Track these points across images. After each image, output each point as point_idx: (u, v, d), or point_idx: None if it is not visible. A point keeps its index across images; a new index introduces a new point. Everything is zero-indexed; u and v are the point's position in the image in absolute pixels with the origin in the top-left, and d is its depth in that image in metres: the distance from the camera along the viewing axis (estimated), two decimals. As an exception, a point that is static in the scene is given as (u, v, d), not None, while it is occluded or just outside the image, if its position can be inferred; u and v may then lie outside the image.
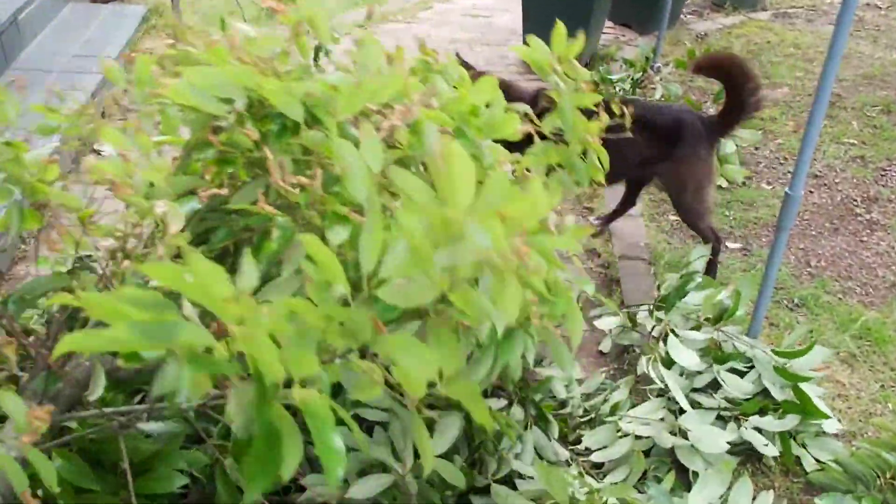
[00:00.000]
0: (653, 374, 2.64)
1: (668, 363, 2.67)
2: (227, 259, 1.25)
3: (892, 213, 4.06)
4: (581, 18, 5.40)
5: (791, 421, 2.50)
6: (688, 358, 2.63)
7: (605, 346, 3.08)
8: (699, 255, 3.09)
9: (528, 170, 1.61)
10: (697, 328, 2.81)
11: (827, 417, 2.56)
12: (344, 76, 1.25)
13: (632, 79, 4.63)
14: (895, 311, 3.34)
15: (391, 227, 0.97)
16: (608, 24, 6.47)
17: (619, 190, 3.68)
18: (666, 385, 2.57)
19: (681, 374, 2.68)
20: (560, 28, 1.64)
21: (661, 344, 2.73)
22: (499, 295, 0.97)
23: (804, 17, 6.97)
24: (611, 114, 1.72)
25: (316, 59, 2.84)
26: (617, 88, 4.55)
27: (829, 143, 4.74)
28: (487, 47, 5.96)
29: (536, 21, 5.59)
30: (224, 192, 1.20)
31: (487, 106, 1.48)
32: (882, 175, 4.43)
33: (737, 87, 3.10)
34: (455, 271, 0.93)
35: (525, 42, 1.61)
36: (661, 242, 3.71)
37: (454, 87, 1.59)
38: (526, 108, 1.63)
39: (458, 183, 0.95)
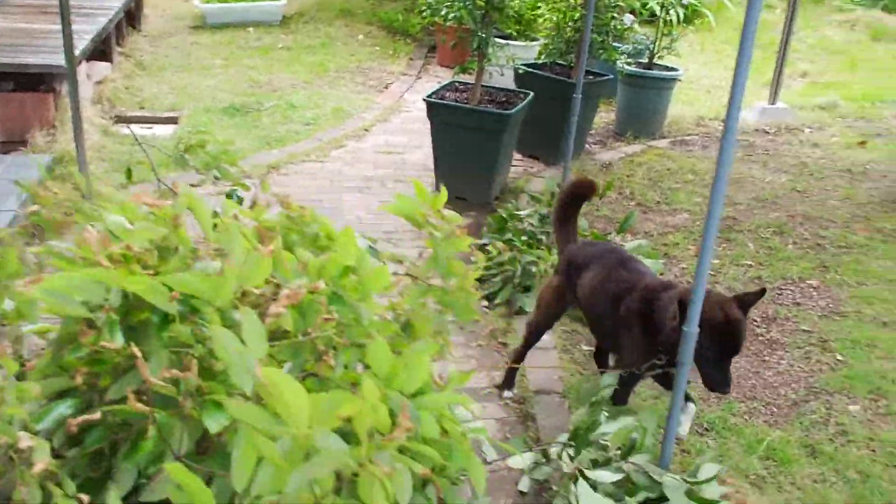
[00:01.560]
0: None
1: (582, 505, 2.71)
2: (103, 462, 1.25)
3: (789, 332, 4.25)
4: (488, 154, 5.65)
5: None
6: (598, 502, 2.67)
7: (524, 484, 3.10)
8: (607, 384, 3.17)
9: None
10: (608, 462, 2.86)
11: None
12: (218, 265, 1.31)
13: (539, 214, 4.82)
14: (797, 429, 3.47)
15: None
16: (517, 156, 6.75)
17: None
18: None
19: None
20: (420, 187, 1.75)
21: (572, 486, 2.76)
22: (366, 494, 1.02)
23: (700, 144, 7.39)
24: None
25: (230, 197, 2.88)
26: (525, 224, 4.73)
27: (729, 265, 4.98)
28: (400, 184, 6.14)
29: (446, 158, 5.82)
30: (96, 416, 1.21)
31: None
32: (779, 294, 4.66)
33: None
34: (323, 483, 0.99)
35: (437, 180, 1.68)
36: (575, 374, 3.80)
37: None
38: None
39: (292, 406, 1.04)
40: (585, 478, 2.77)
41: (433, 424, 1.38)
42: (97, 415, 1.20)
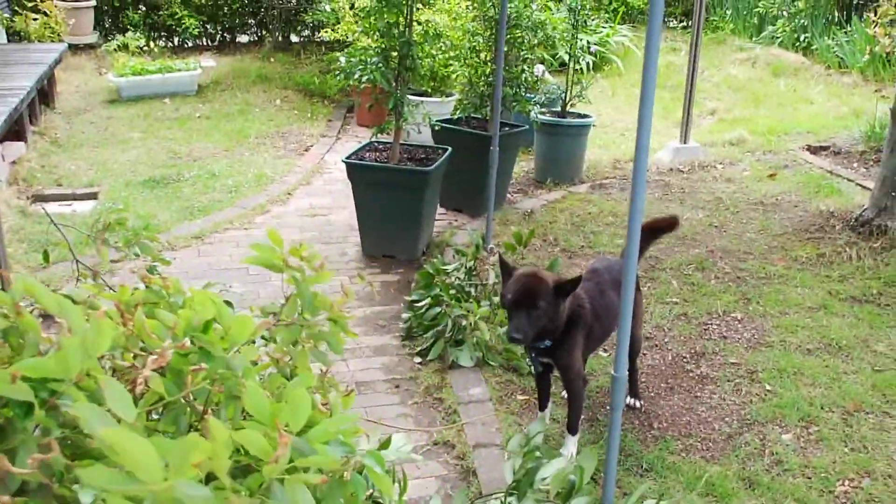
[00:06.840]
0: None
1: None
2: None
3: (718, 366, 4.34)
4: (411, 212, 5.69)
5: None
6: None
7: (471, 541, 3.08)
8: (536, 432, 3.15)
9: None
10: (549, 511, 2.86)
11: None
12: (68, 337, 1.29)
13: (465, 267, 4.85)
14: (734, 462, 3.53)
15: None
16: (441, 210, 6.81)
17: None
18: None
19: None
20: (275, 234, 1.78)
21: (518, 535, 2.75)
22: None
23: (618, 187, 7.55)
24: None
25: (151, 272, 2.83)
26: (452, 278, 4.74)
27: (655, 303, 5.07)
28: (327, 245, 6.12)
29: (370, 218, 5.84)
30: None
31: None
32: (705, 330, 4.76)
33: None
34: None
35: (362, 239, 1.67)
36: (512, 424, 3.81)
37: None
38: None
39: (141, 461, 1.06)
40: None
41: (328, 454, 1.39)
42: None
